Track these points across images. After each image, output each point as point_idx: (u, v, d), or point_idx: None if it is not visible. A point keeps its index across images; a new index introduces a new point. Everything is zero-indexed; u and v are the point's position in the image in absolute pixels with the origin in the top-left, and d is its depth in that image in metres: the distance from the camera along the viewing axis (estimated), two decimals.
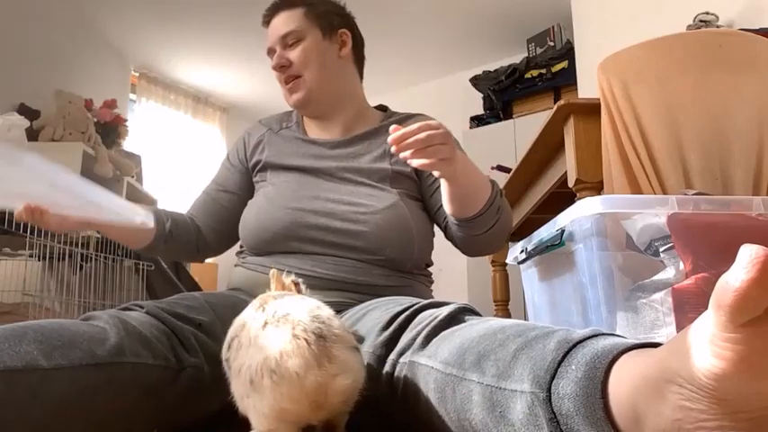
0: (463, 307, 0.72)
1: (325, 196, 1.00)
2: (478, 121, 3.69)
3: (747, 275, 0.31)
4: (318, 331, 0.56)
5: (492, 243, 1.04)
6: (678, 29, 1.69)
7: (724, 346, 0.33)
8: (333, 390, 0.54)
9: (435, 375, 0.60)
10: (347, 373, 0.56)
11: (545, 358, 0.47)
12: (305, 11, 1.10)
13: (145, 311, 0.78)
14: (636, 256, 0.79)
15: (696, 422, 0.36)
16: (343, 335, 0.59)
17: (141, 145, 3.87)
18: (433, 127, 0.78)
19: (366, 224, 0.95)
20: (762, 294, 0.31)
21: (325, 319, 0.58)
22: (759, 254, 0.30)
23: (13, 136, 1.68)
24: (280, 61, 1.08)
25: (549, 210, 1.38)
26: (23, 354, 0.59)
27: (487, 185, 0.95)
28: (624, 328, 0.77)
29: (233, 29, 3.69)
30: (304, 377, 0.53)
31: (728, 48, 1.06)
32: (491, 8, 3.52)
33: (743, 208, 0.79)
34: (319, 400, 0.54)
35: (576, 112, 1.14)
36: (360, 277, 0.94)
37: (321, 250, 0.95)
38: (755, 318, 0.32)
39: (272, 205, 1.01)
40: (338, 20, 1.14)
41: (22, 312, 1.64)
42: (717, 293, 0.33)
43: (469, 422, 0.54)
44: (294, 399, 0.53)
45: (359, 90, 1.18)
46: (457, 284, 3.48)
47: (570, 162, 1.15)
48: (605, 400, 0.42)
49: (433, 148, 0.78)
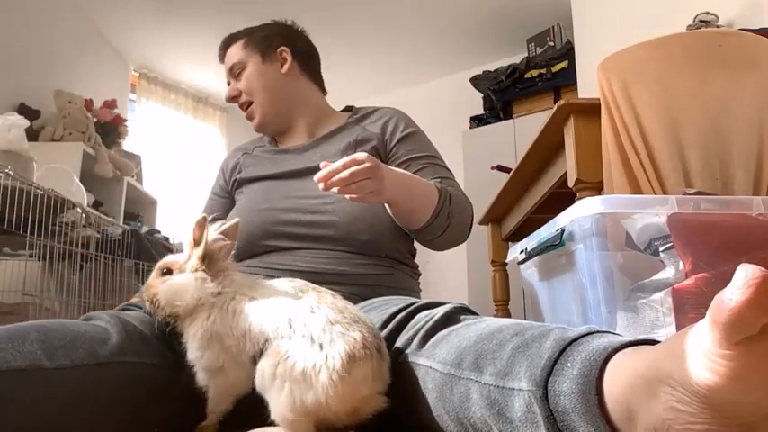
0: (459, 307, 0.72)
1: (294, 195, 1.04)
2: (478, 121, 3.69)
3: (743, 296, 0.31)
4: (378, 347, 0.60)
5: (448, 242, 1.05)
6: (678, 29, 1.69)
7: (718, 361, 0.33)
8: (372, 404, 0.58)
9: (434, 375, 0.61)
10: (384, 393, 0.60)
11: (542, 356, 0.48)
12: (244, 41, 1.20)
13: (144, 311, 0.79)
14: (636, 256, 0.79)
15: (685, 423, 0.36)
16: (387, 355, 0.63)
17: (141, 145, 3.87)
18: (357, 162, 0.81)
19: (334, 213, 0.99)
20: (756, 315, 0.31)
21: (380, 336, 0.63)
22: (756, 275, 0.31)
23: (14, 136, 1.68)
24: (230, 93, 1.19)
25: (549, 210, 1.38)
26: (27, 353, 0.60)
27: (433, 198, 0.97)
28: (624, 328, 0.77)
29: (233, 29, 3.68)
30: (362, 385, 0.57)
31: (728, 48, 1.06)
32: (491, 8, 3.52)
33: (743, 208, 0.79)
34: (359, 408, 0.58)
35: (576, 112, 1.14)
36: (340, 267, 0.96)
37: (297, 244, 0.98)
38: (750, 336, 0.32)
39: (244, 211, 1.06)
40: (277, 40, 1.21)
41: (22, 312, 1.64)
42: (712, 310, 0.33)
43: (468, 420, 0.55)
44: (342, 401, 0.56)
45: (315, 97, 1.23)
46: (457, 284, 3.48)
47: (570, 162, 1.15)
48: (600, 396, 0.42)
49: (357, 185, 0.81)
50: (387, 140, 1.13)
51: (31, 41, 3.02)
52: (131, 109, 4.13)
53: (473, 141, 3.52)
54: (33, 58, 3.03)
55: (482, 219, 2.13)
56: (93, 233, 1.91)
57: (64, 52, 3.34)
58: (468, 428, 0.56)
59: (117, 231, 2.10)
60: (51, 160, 2.13)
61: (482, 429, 0.53)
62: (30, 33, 3.01)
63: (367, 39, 3.88)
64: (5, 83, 2.79)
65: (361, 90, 4.55)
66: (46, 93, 2.92)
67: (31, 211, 1.54)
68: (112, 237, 2.04)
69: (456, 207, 1.01)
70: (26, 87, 2.93)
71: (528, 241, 1.07)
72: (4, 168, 1.50)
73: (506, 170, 2.44)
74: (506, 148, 3.25)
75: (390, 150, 1.12)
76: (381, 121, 1.16)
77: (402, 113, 1.20)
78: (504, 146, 3.28)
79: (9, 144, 1.67)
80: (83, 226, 1.85)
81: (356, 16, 3.62)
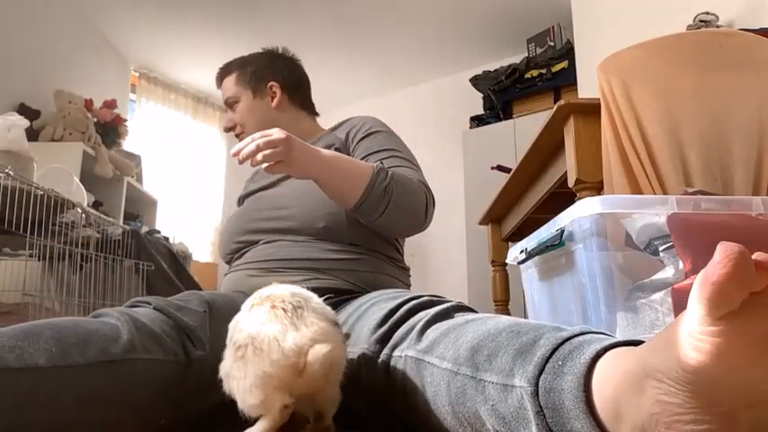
0: (457, 305, 0.74)
1: (264, 200, 1.16)
2: (478, 121, 3.69)
3: (723, 270, 0.33)
4: (296, 303, 0.60)
5: (395, 224, 1.04)
6: (678, 29, 1.69)
7: (702, 339, 0.35)
8: (312, 354, 0.56)
9: (432, 370, 0.62)
10: (325, 341, 0.58)
11: (534, 353, 0.50)
12: (236, 76, 1.28)
13: (152, 307, 0.81)
14: (635, 256, 0.79)
15: (672, 415, 0.38)
16: (321, 308, 0.62)
17: (141, 145, 3.87)
18: (265, 135, 0.91)
19: (295, 207, 1.08)
20: (737, 288, 0.34)
21: (305, 296, 0.62)
22: (734, 250, 0.33)
23: (13, 136, 1.68)
24: (227, 124, 1.30)
25: (549, 210, 1.38)
26: (43, 351, 0.60)
27: (365, 175, 0.99)
28: (624, 328, 0.77)
29: (233, 29, 3.69)
30: (282, 339, 0.56)
31: (728, 48, 1.06)
32: (491, 8, 3.52)
33: (743, 208, 0.79)
34: (299, 363, 0.56)
35: (576, 112, 1.14)
36: (313, 254, 1.03)
37: (267, 237, 1.08)
38: (732, 311, 0.34)
39: (228, 219, 1.22)
40: (268, 74, 1.28)
41: (22, 312, 1.64)
42: (696, 287, 0.35)
43: (464, 415, 0.56)
44: (274, 361, 0.56)
45: (304, 122, 1.32)
46: (457, 284, 3.48)
47: (570, 162, 1.15)
48: (588, 395, 0.43)
49: (264, 154, 0.90)
50: (349, 142, 1.19)
51: (31, 41, 3.02)
52: (131, 109, 4.13)
53: (473, 141, 3.52)
54: (33, 58, 3.03)
55: (482, 219, 2.13)
56: (93, 233, 1.90)
57: (64, 52, 3.34)
58: (463, 423, 0.57)
59: (117, 231, 2.09)
60: (51, 160, 2.13)
61: (476, 424, 0.55)
62: (30, 33, 3.01)
63: (367, 39, 3.88)
64: (5, 83, 2.79)
65: (361, 90, 4.55)
66: (46, 93, 2.92)
67: (31, 211, 1.54)
68: (112, 237, 2.03)
69: (399, 186, 1.01)
70: (26, 87, 2.93)
71: (528, 241, 1.07)
72: (4, 168, 1.50)
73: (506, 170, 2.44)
74: (506, 148, 3.25)
75: (352, 151, 1.18)
76: (349, 126, 1.23)
77: (372, 118, 1.25)
78: (504, 146, 3.28)
79: (9, 144, 1.67)
80: (83, 226, 1.85)
81: (356, 16, 3.62)
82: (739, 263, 0.33)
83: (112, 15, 3.57)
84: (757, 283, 0.34)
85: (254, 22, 3.60)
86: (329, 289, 0.98)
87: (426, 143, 4.19)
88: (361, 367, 0.74)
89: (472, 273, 3.30)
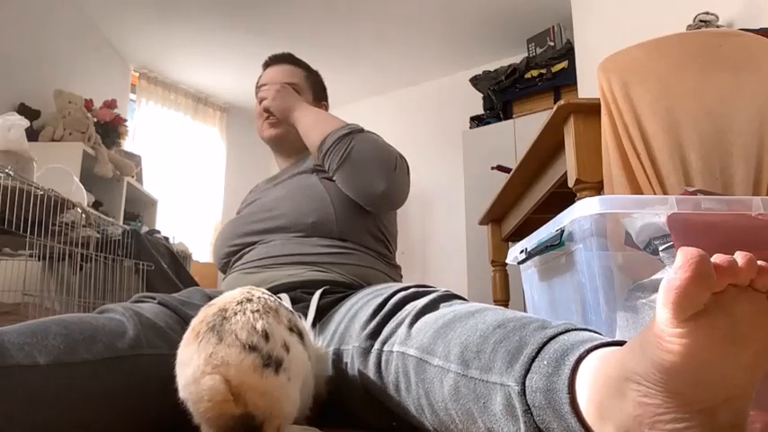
0: (444, 294, 0.75)
1: (257, 207, 1.18)
2: (478, 121, 3.69)
3: (685, 274, 0.35)
4: (213, 323, 0.57)
5: (355, 176, 1.05)
6: (678, 29, 1.69)
7: (672, 340, 0.37)
8: (203, 385, 0.53)
9: (424, 367, 0.62)
10: (214, 371, 0.54)
11: (521, 351, 0.51)
12: (306, 74, 1.33)
13: (157, 302, 0.82)
14: (635, 256, 0.79)
15: (654, 416, 0.39)
16: (244, 323, 0.56)
17: (141, 145, 3.87)
18: (272, 89, 1.20)
19: (283, 206, 1.12)
20: (699, 291, 0.35)
21: (234, 310, 0.58)
22: (694, 255, 0.35)
23: (13, 136, 1.68)
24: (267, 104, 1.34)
25: (549, 210, 1.38)
26: (51, 348, 0.61)
27: (336, 124, 1.10)
28: (624, 328, 0.77)
29: (233, 29, 3.69)
30: (188, 366, 0.56)
31: (728, 48, 1.06)
32: (491, 8, 3.52)
33: (743, 207, 0.79)
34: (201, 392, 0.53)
35: (576, 112, 1.14)
36: (306, 249, 1.05)
37: (260, 238, 1.11)
38: (697, 312, 0.36)
39: (220, 233, 1.25)
40: (325, 94, 1.38)
41: (22, 312, 1.64)
42: (661, 293, 0.37)
43: (456, 411, 0.57)
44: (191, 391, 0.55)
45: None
46: (457, 284, 3.48)
47: (570, 162, 1.15)
48: (572, 395, 0.44)
49: (266, 103, 1.20)
50: None
51: (31, 41, 3.02)
52: (131, 109, 4.13)
53: (473, 141, 3.52)
54: (33, 58, 3.03)
55: (482, 219, 2.13)
56: (93, 233, 1.90)
57: (64, 52, 3.34)
58: (455, 420, 0.57)
59: (117, 231, 2.09)
60: (51, 160, 2.13)
61: (468, 422, 0.55)
62: (30, 33, 3.01)
63: (367, 39, 3.88)
64: (5, 83, 2.79)
65: (361, 90, 4.55)
66: (46, 93, 2.92)
67: (31, 211, 1.54)
68: (112, 237, 2.03)
69: (363, 141, 1.07)
70: (26, 87, 2.93)
71: (528, 241, 1.06)
72: (4, 168, 1.50)
73: (506, 170, 2.44)
74: (506, 148, 3.25)
75: None
76: None
77: None
78: (504, 146, 3.28)
79: (9, 144, 1.67)
80: (83, 226, 1.85)
81: (356, 16, 3.62)
82: (700, 266, 0.35)
83: (112, 15, 3.57)
84: (718, 285, 0.36)
85: (255, 22, 3.60)
86: (326, 281, 1.00)
87: (426, 143, 4.19)
88: (355, 362, 0.75)
89: (472, 273, 3.30)
